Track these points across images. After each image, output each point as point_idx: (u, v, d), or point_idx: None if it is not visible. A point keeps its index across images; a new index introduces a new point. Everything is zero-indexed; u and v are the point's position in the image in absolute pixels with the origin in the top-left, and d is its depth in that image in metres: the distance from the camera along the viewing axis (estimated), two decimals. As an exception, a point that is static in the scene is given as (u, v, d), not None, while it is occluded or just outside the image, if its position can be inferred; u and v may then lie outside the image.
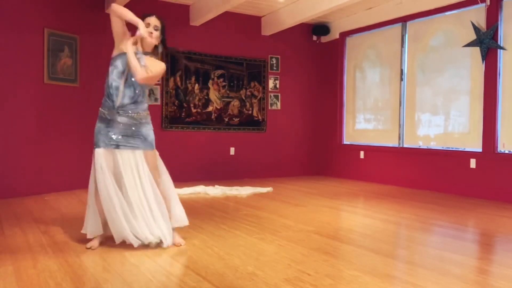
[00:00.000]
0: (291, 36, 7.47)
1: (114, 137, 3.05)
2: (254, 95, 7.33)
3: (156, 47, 3.20)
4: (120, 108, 3.05)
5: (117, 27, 3.13)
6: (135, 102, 3.08)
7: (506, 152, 5.23)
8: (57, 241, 3.14)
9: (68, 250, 2.92)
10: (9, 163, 4.94)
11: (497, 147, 5.29)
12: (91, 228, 3.08)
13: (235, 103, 7.16)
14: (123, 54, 3.07)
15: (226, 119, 7.08)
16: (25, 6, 5.08)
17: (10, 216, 3.99)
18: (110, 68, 3.10)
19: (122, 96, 3.04)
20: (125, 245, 3.05)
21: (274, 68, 7.49)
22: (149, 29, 3.10)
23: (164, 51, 3.28)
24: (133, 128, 3.09)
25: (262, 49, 7.35)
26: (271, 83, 7.47)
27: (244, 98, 7.23)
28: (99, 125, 3.10)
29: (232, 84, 7.12)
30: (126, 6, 5.75)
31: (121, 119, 3.05)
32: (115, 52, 3.15)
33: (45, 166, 5.26)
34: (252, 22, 7.24)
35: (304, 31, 7.63)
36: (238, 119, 7.19)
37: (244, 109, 7.24)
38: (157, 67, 3.13)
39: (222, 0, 5.85)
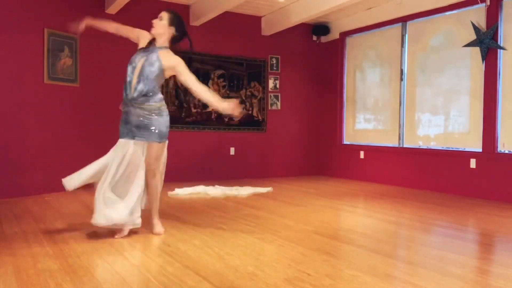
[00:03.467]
0: (291, 36, 7.47)
1: (131, 128, 3.25)
2: (254, 95, 7.33)
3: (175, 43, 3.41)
4: (133, 101, 3.24)
5: (125, 35, 3.54)
6: (146, 95, 3.24)
7: (506, 152, 5.23)
8: (57, 241, 3.14)
9: (68, 250, 2.92)
10: (9, 163, 4.94)
11: (497, 147, 5.29)
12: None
13: (235, 103, 7.15)
14: (140, 51, 3.32)
15: (226, 119, 7.08)
16: (25, 6, 5.08)
17: (10, 216, 3.99)
18: (128, 65, 3.31)
19: (133, 90, 3.24)
20: (125, 245, 3.06)
21: (274, 68, 7.49)
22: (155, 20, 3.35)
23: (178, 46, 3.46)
24: (146, 121, 3.24)
25: (262, 49, 7.35)
26: (271, 83, 7.47)
27: (244, 98, 7.23)
28: (122, 117, 3.33)
29: (232, 84, 7.12)
30: (126, 6, 5.79)
31: (135, 110, 3.24)
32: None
33: (46, 166, 5.26)
34: (252, 22, 7.24)
35: (304, 31, 7.63)
36: (238, 119, 7.18)
37: (244, 109, 7.24)
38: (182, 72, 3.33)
39: (222, 0, 5.85)
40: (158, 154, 3.31)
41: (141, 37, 3.38)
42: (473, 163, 5.50)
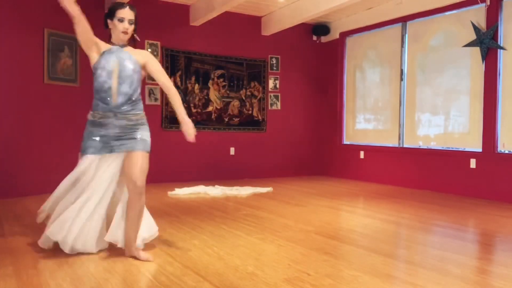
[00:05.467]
0: (291, 36, 7.47)
1: (109, 141, 2.87)
2: (254, 95, 7.33)
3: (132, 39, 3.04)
4: (116, 109, 2.87)
5: (83, 33, 3.04)
6: (130, 100, 2.89)
7: (506, 152, 5.23)
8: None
9: (68, 250, 2.92)
10: (9, 163, 4.94)
11: (497, 147, 5.29)
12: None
13: (235, 103, 7.16)
14: (106, 53, 2.97)
15: (226, 119, 7.08)
16: (25, 6, 5.08)
17: (10, 216, 4.00)
18: (98, 72, 2.95)
19: (117, 95, 2.88)
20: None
21: (274, 68, 7.49)
22: (124, 25, 2.94)
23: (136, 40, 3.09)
24: (130, 131, 2.88)
25: (262, 49, 7.35)
26: (271, 83, 7.47)
27: (244, 98, 7.23)
28: (90, 130, 2.94)
29: (232, 84, 7.12)
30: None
31: (118, 122, 2.87)
32: (94, 59, 3.02)
33: (45, 166, 5.25)
34: (252, 22, 7.24)
35: (304, 31, 7.63)
36: (238, 119, 7.18)
37: (244, 109, 7.24)
38: (154, 66, 2.99)
39: (222, 0, 5.85)
40: (144, 166, 2.84)
41: (99, 43, 3.04)
42: (473, 163, 5.50)
